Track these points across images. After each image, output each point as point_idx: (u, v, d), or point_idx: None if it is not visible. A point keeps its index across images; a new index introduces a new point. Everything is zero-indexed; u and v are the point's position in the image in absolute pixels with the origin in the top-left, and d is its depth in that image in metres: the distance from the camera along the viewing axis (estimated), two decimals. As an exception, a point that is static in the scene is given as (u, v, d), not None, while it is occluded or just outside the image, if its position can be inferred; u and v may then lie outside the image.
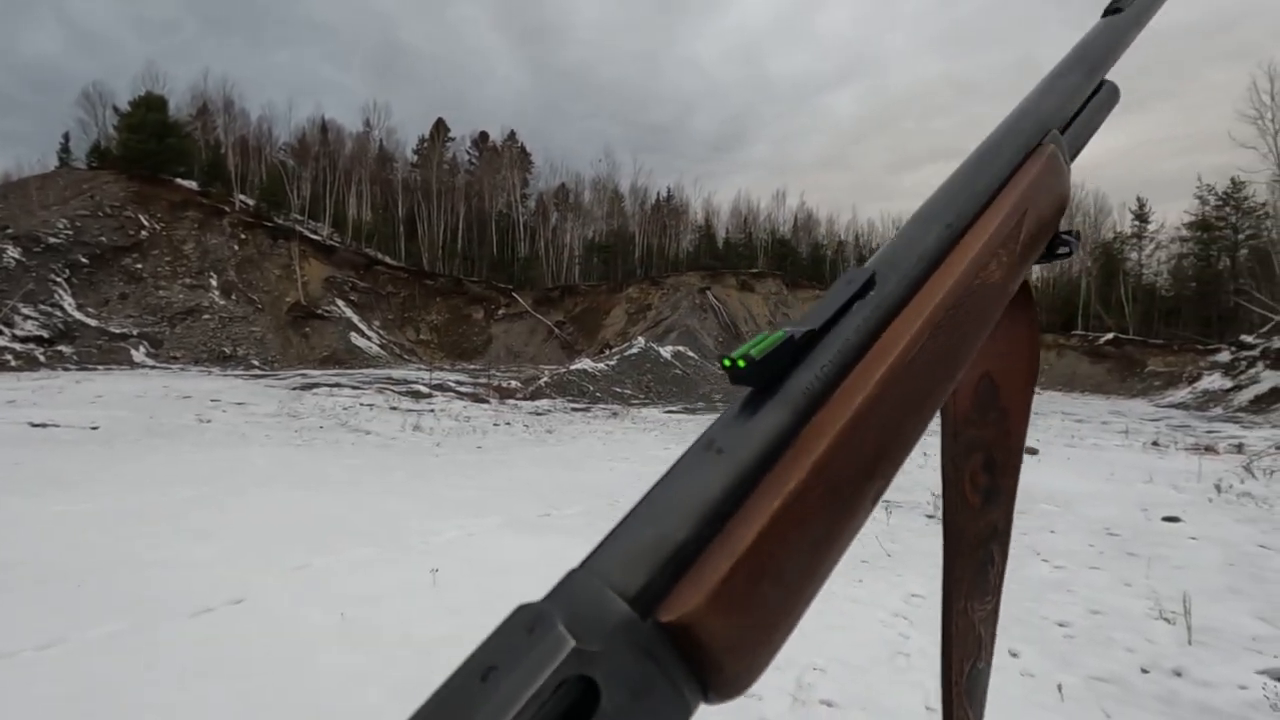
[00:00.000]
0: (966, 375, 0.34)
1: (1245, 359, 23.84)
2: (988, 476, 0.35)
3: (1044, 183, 0.32)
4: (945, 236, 0.29)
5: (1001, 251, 0.29)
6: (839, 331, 0.25)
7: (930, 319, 0.26)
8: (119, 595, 3.34)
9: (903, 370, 0.25)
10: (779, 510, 0.20)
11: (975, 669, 0.35)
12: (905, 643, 3.28)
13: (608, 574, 0.18)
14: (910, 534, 5.45)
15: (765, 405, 0.23)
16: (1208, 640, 3.36)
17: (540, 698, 0.15)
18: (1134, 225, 45.79)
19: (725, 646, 0.19)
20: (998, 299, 0.29)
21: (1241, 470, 8.61)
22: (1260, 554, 4.90)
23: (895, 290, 0.27)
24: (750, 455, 0.21)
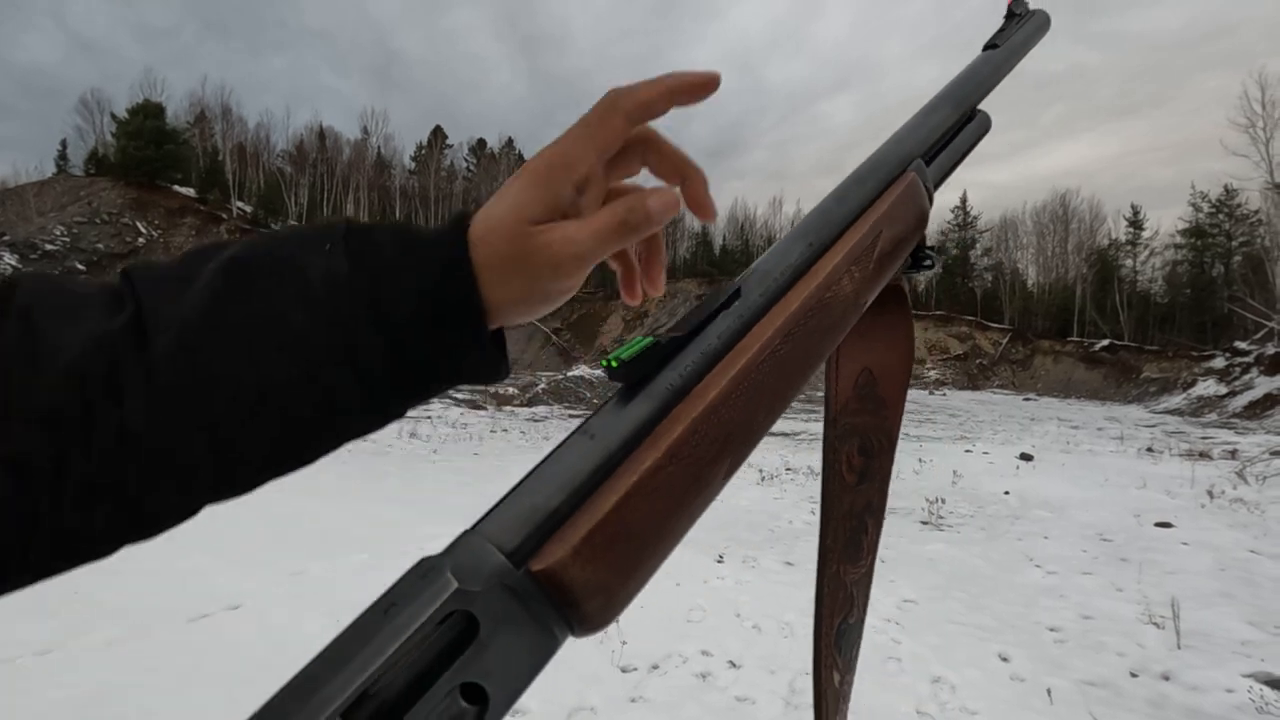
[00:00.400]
0: (848, 369, 0.39)
1: (1239, 365, 23.96)
2: (863, 458, 0.39)
3: (900, 207, 0.36)
4: (806, 254, 0.33)
5: (854, 268, 0.33)
6: (704, 337, 0.29)
7: (782, 327, 0.30)
8: (116, 601, 3.35)
9: (754, 369, 0.29)
10: (635, 484, 0.25)
11: (846, 624, 0.39)
12: (897, 647, 3.31)
13: (491, 533, 0.23)
14: (905, 540, 5.48)
15: (634, 399, 0.27)
16: (1197, 644, 3.40)
17: (427, 627, 0.20)
18: (1128, 232, 46.07)
19: (585, 591, 0.23)
20: (850, 308, 0.33)
21: (1234, 476, 8.66)
22: (1251, 559, 4.95)
23: (756, 301, 0.31)
24: (615, 439, 0.26)
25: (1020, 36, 0.49)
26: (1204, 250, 41.24)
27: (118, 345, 0.27)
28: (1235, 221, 39.84)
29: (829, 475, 0.38)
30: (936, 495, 6.91)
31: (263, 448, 0.30)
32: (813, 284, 0.32)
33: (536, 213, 0.31)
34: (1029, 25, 0.50)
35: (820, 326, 0.31)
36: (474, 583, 0.22)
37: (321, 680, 0.19)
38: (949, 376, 38.34)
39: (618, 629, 3.26)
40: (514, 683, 0.22)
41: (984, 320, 42.43)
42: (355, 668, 0.19)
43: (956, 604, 3.99)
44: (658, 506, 0.25)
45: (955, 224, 52.75)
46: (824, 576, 0.38)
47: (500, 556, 0.23)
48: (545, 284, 0.32)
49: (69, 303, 0.29)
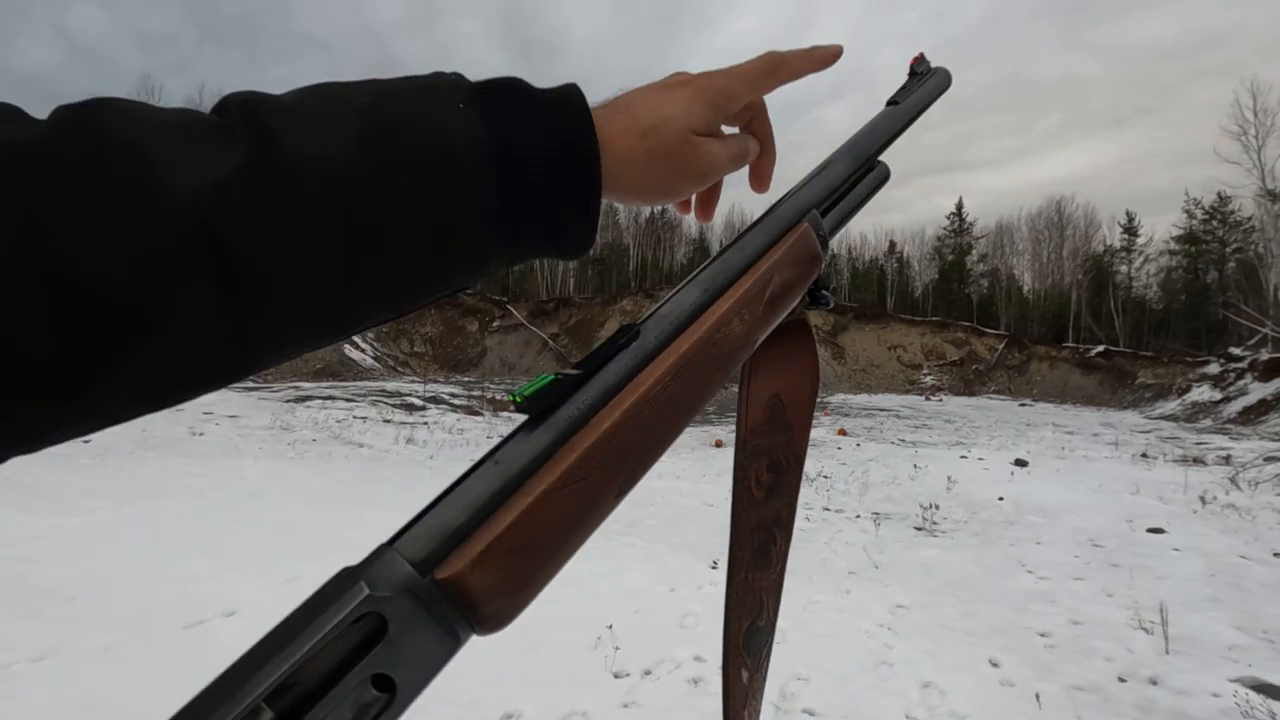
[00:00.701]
0: (758, 395, 0.43)
1: (1234, 371, 24.07)
2: (772, 475, 0.43)
3: (793, 254, 0.41)
4: (700, 300, 0.37)
5: (745, 311, 0.37)
6: (603, 374, 0.33)
7: (674, 365, 0.34)
8: (112, 608, 3.37)
9: (646, 403, 0.32)
10: (531, 503, 0.29)
11: (755, 626, 0.43)
12: (889, 652, 3.33)
13: (402, 547, 0.27)
14: (899, 545, 5.50)
15: (537, 430, 0.31)
16: (1185, 649, 3.43)
17: (341, 626, 0.24)
18: (1123, 239, 46.31)
19: (482, 597, 0.27)
20: (741, 347, 0.37)
21: (1227, 482, 8.71)
22: (1241, 565, 4.98)
23: (653, 342, 0.34)
24: (516, 465, 0.30)
25: (921, 94, 0.52)
26: (1198, 257, 41.50)
27: (250, 185, 0.27)
28: (1229, 228, 40.11)
29: (738, 492, 0.42)
30: (931, 501, 6.94)
31: (389, 291, 0.32)
32: (704, 326, 0.35)
33: (699, 126, 0.39)
34: (930, 83, 0.53)
35: (711, 363, 0.35)
36: (384, 589, 0.25)
37: (245, 674, 0.22)
38: (945, 382, 38.41)
39: (611, 634, 3.28)
40: (420, 674, 0.25)
41: (980, 326, 42.53)
42: (276, 662, 0.22)
43: (949, 609, 4.01)
44: (552, 523, 0.29)
45: (951, 230, 52.97)
46: (733, 583, 0.41)
47: (408, 567, 0.26)
48: (683, 181, 0.40)
49: (185, 135, 0.27)
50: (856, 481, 8.48)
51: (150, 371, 0.27)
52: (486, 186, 0.33)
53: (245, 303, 0.27)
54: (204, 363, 0.28)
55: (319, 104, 0.31)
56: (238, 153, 0.27)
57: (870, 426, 18.05)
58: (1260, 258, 30.42)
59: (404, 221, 0.31)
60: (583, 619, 3.50)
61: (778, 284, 0.39)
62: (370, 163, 0.30)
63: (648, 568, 4.54)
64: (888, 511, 6.79)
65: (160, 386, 0.28)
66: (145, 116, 0.27)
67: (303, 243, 0.28)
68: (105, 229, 0.24)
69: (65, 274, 0.23)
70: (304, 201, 0.28)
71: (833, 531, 5.93)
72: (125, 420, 0.28)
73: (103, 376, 0.25)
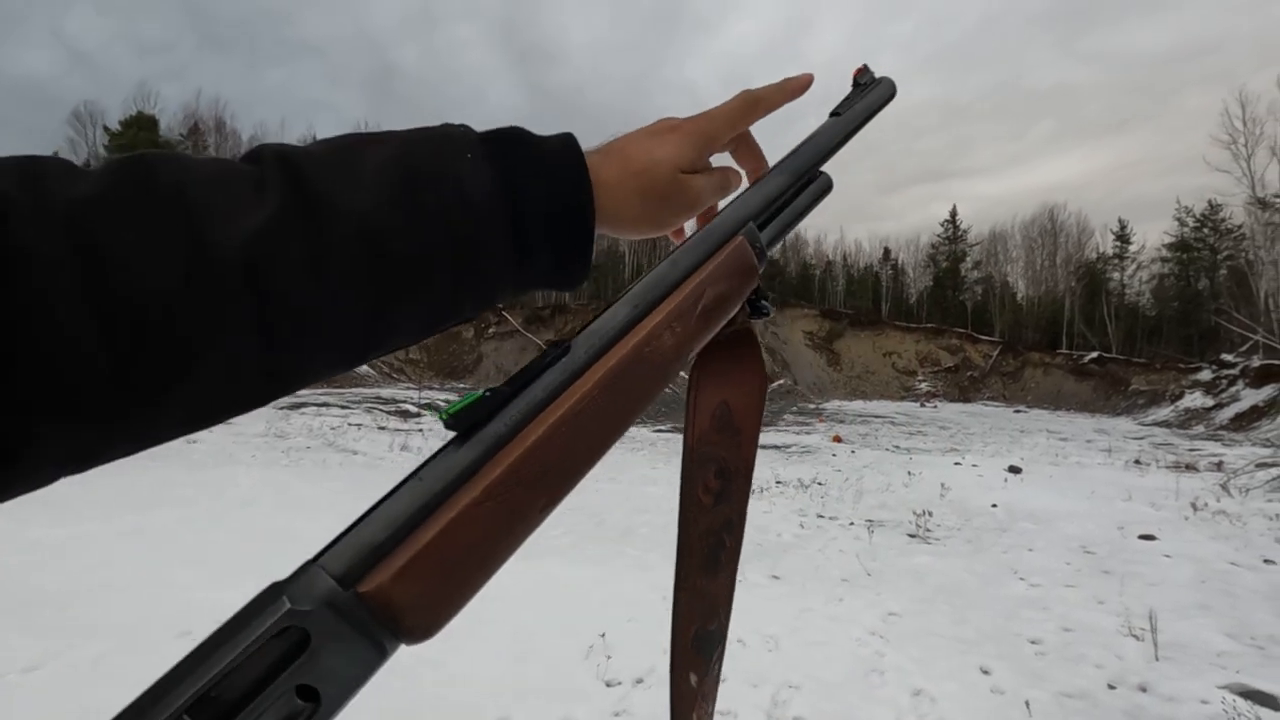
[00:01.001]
0: (705, 403, 0.44)
1: (1226, 377, 24.21)
2: (720, 481, 0.43)
3: (726, 267, 0.41)
4: (631, 315, 0.37)
5: (676, 325, 0.38)
6: (531, 390, 0.33)
7: (602, 380, 0.34)
8: (104, 617, 3.36)
9: (573, 418, 0.33)
10: (453, 518, 0.30)
11: (705, 631, 0.43)
12: (880, 660, 3.34)
13: (326, 563, 0.28)
14: (892, 552, 5.52)
15: (463, 446, 0.31)
16: (1175, 656, 3.45)
17: (263, 639, 0.25)
18: (1116, 246, 46.65)
19: (405, 609, 0.28)
20: (673, 360, 0.38)
21: (1218, 488, 8.76)
22: (1231, 571, 5.01)
23: (582, 358, 0.35)
24: (440, 482, 0.30)
25: (864, 104, 0.52)
26: (1190, 264, 41.81)
27: (287, 231, 0.30)
28: (1220, 236, 40.44)
29: (686, 498, 0.42)
30: (924, 508, 6.97)
31: (409, 325, 0.35)
32: (634, 341, 0.36)
33: (686, 165, 0.43)
34: (874, 94, 0.53)
35: (641, 377, 0.36)
36: (305, 603, 0.26)
37: (167, 688, 0.23)
38: (940, 388, 38.51)
39: (603, 643, 3.29)
40: (345, 684, 0.26)
41: (975, 333, 42.71)
42: (197, 675, 0.23)
43: (940, 617, 4.03)
44: (474, 537, 0.30)
45: (945, 237, 53.24)
46: (682, 588, 0.42)
47: (331, 581, 0.27)
48: (673, 215, 0.43)
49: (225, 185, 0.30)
50: (851, 488, 8.50)
51: (189, 397, 0.30)
52: (501, 232, 0.36)
53: (278, 337, 0.31)
54: (237, 390, 0.31)
55: (344, 155, 0.34)
56: (272, 200, 0.31)
57: (865, 433, 18.09)
58: (1251, 265, 30.66)
59: (426, 266, 0.34)
60: (575, 627, 3.51)
61: (711, 297, 0.40)
62: (395, 211, 0.33)
63: (641, 576, 4.55)
64: (881, 519, 6.80)
65: (194, 412, 0.31)
66: (189, 167, 0.30)
67: (332, 284, 0.32)
68: (155, 270, 0.27)
69: (120, 310, 0.26)
70: (334, 246, 0.32)
71: (826, 539, 5.95)
72: (156, 443, 0.31)
73: (147, 400, 0.28)
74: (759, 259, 0.44)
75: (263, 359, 0.31)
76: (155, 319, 0.27)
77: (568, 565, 4.72)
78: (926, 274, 54.38)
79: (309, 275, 0.31)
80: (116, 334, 0.26)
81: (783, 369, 35.55)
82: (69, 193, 0.27)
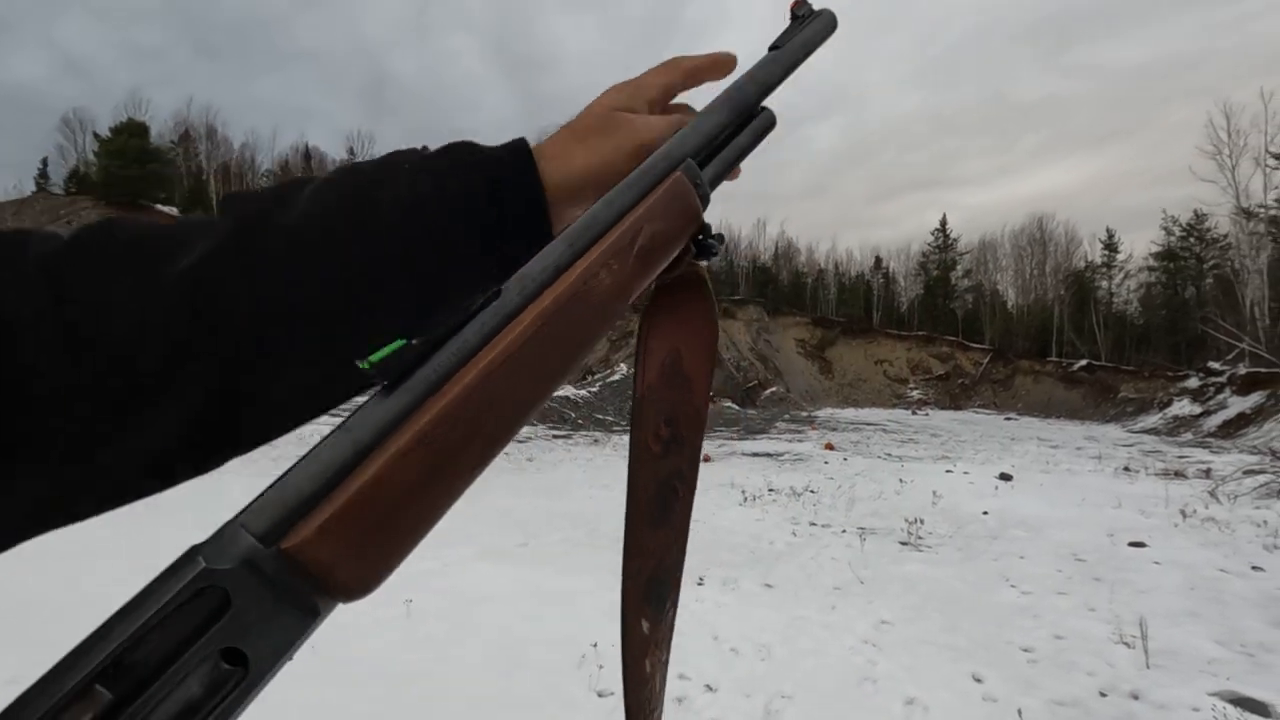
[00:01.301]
0: (655, 350, 0.43)
1: (1213, 385, 24.43)
2: (670, 429, 0.42)
3: (662, 204, 0.40)
4: (566, 254, 0.36)
5: (613, 263, 0.37)
6: (461, 335, 0.32)
7: (535, 321, 0.33)
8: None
9: (507, 361, 0.32)
10: (381, 467, 0.28)
11: (655, 579, 0.42)
12: (873, 668, 3.33)
13: (246, 521, 0.26)
14: (884, 560, 5.52)
15: (391, 396, 0.30)
16: (1165, 663, 3.46)
17: (176, 601, 0.24)
18: (1104, 255, 47.09)
19: (334, 564, 0.27)
20: (613, 299, 0.37)
21: (1207, 495, 8.81)
22: (1220, 578, 5.04)
23: (515, 300, 0.34)
24: (368, 432, 0.29)
25: (803, 37, 0.51)
26: (1176, 273, 42.25)
27: (226, 253, 0.32)
28: (1205, 245, 40.91)
29: (635, 448, 0.41)
30: (916, 516, 6.98)
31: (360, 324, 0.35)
32: (568, 280, 0.35)
33: (619, 105, 0.44)
34: (812, 26, 0.52)
35: (579, 318, 0.35)
36: (223, 562, 0.25)
37: (77, 658, 0.22)
38: (931, 396, 38.67)
39: (595, 653, 3.27)
40: (274, 646, 0.25)
41: (965, 341, 42.96)
42: (108, 642, 0.22)
43: (932, 625, 4.03)
44: (406, 486, 0.28)
45: (936, 246, 53.62)
46: (632, 536, 0.41)
47: (251, 539, 0.26)
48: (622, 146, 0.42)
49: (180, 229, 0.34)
50: (843, 496, 8.51)
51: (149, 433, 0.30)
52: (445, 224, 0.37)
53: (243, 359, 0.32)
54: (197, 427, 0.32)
55: (285, 186, 0.37)
56: (218, 233, 0.33)
57: (857, 441, 18.12)
58: (1236, 274, 31.02)
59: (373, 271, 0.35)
60: (566, 637, 3.48)
61: (648, 235, 0.39)
62: (330, 223, 0.35)
63: (633, 585, 4.52)
64: (873, 526, 6.81)
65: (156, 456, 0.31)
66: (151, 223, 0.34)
67: (283, 304, 0.33)
68: (108, 301, 0.30)
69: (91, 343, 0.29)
70: (270, 262, 0.33)
71: (819, 546, 5.94)
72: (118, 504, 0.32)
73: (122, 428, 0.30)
74: (701, 198, 0.43)
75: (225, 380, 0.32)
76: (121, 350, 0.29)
77: (559, 574, 4.69)
78: (917, 282, 54.71)
79: (249, 292, 0.32)
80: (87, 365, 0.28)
81: (775, 377, 35.60)
82: (42, 249, 0.31)
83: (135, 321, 0.30)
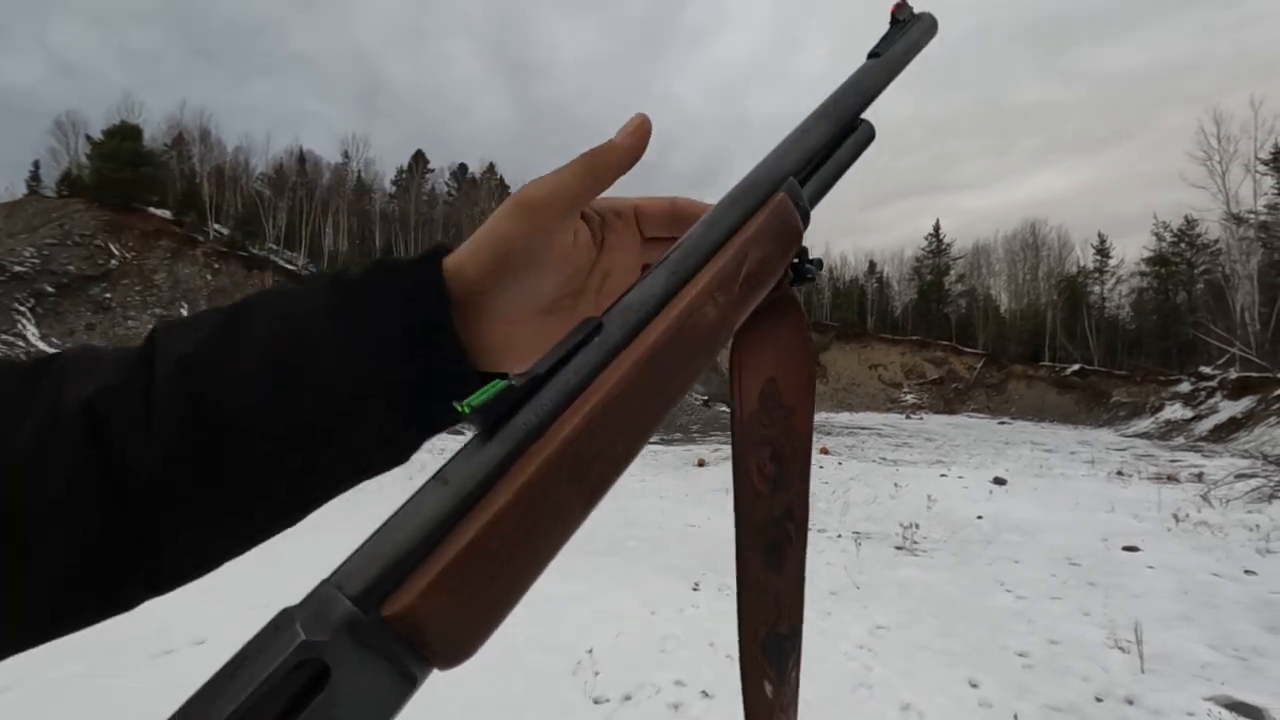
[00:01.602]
0: (751, 381, 0.39)
1: (1204, 389, 24.60)
2: (775, 466, 0.39)
3: (768, 228, 0.37)
4: (670, 284, 0.34)
5: (719, 294, 0.34)
6: (562, 375, 0.29)
7: (640, 360, 0.31)
8: (78, 639, 3.26)
9: (612, 403, 0.29)
10: (486, 524, 0.26)
11: (776, 634, 0.39)
12: (868, 674, 3.33)
13: (342, 582, 0.24)
14: (879, 564, 5.53)
15: (490, 442, 0.28)
16: (1159, 668, 3.47)
17: (275, 677, 0.21)
18: (1096, 260, 47.38)
19: (438, 630, 0.25)
20: (718, 333, 0.34)
21: (1199, 499, 8.86)
22: (1213, 582, 5.06)
23: (617, 335, 0.31)
24: (470, 483, 0.27)
25: (904, 43, 0.47)
26: (1168, 278, 42.55)
27: (127, 386, 0.31)
28: (1196, 250, 41.23)
29: (740, 486, 0.38)
30: (911, 520, 6.99)
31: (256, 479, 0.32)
32: (674, 313, 0.33)
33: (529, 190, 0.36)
34: (915, 29, 0.48)
35: (684, 354, 0.33)
36: (322, 632, 0.23)
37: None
38: (925, 400, 38.82)
39: (591, 659, 3.25)
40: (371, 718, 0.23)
41: (959, 345, 43.16)
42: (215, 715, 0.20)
43: (928, 630, 4.03)
44: (512, 543, 0.26)
45: (930, 250, 53.87)
46: (745, 588, 0.38)
47: (349, 604, 0.24)
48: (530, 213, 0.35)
49: (94, 358, 0.33)
50: (838, 500, 8.52)
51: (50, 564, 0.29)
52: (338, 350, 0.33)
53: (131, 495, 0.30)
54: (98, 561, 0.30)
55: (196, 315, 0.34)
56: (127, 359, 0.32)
57: (852, 445, 18.15)
58: (1227, 279, 31.27)
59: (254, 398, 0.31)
60: (562, 644, 3.47)
61: (754, 261, 0.36)
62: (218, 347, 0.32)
63: (629, 591, 4.51)
64: (869, 531, 6.82)
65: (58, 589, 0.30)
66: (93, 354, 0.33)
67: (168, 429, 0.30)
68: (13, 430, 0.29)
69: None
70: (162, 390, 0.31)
71: (814, 551, 5.94)
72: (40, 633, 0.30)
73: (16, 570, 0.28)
74: (802, 218, 0.40)
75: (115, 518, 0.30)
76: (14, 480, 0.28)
77: (555, 579, 4.66)
78: (911, 287, 54.92)
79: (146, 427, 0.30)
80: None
81: (770, 381, 35.58)
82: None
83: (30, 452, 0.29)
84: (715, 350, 0.35)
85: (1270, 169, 32.93)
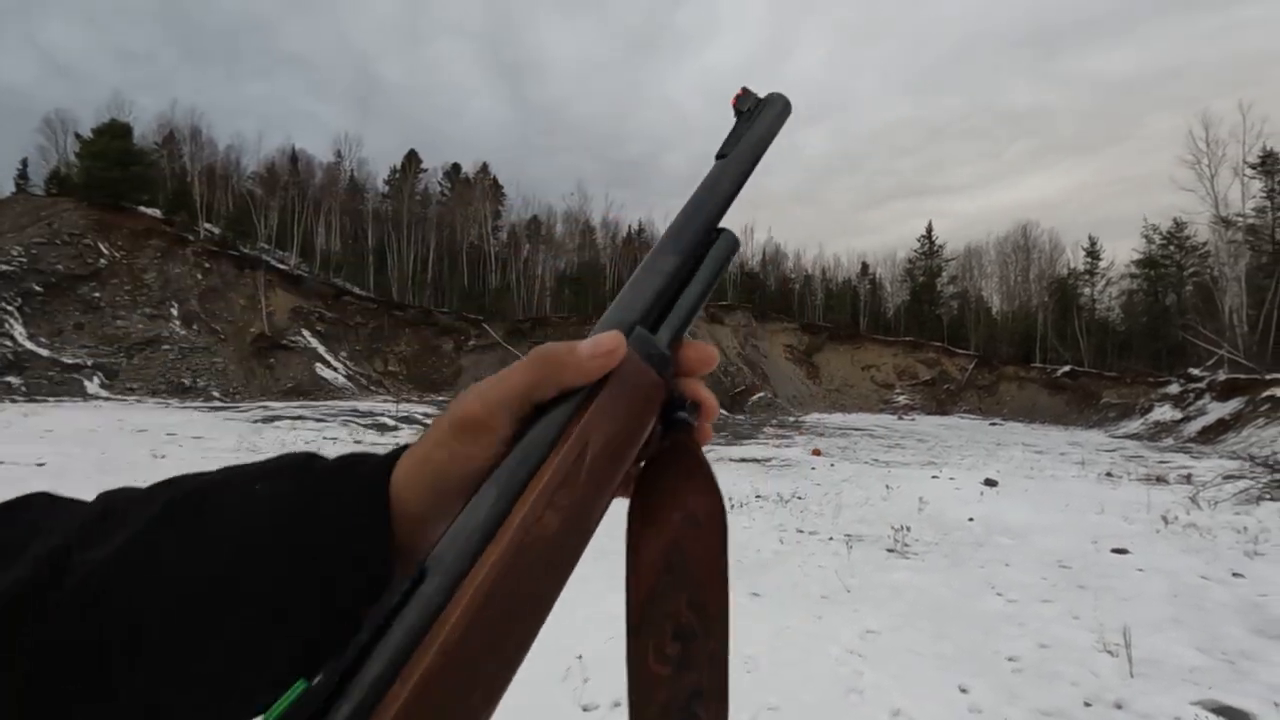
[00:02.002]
0: (647, 553, 0.34)
1: (1193, 391, 24.80)
2: (679, 644, 0.33)
3: (613, 399, 0.32)
4: (496, 505, 0.30)
5: (559, 495, 0.30)
6: (378, 655, 0.26)
7: (472, 604, 0.27)
8: None
9: (446, 668, 0.26)
10: None
11: None
12: (858, 679, 3.32)
13: None
14: (870, 567, 5.53)
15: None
16: (1148, 672, 3.48)
17: None
18: (1087, 262, 47.74)
19: None
20: (568, 538, 0.31)
21: (1188, 501, 8.92)
22: (1202, 585, 5.09)
23: (441, 583, 0.27)
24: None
25: (752, 136, 0.42)
26: (1157, 280, 42.90)
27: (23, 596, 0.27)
28: (1185, 253, 41.59)
29: (633, 673, 0.32)
30: (903, 523, 7.00)
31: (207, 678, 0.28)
32: (505, 538, 0.29)
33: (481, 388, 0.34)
34: (763, 119, 0.42)
35: (532, 576, 0.29)
36: None
37: None
38: (917, 401, 38.98)
39: (580, 665, 3.23)
40: None
41: (951, 346, 43.35)
42: None
43: (919, 633, 4.03)
44: None
45: (922, 252, 54.13)
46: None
47: None
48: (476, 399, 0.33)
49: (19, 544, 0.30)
50: (830, 503, 8.52)
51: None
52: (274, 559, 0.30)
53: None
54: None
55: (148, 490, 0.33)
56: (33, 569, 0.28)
57: (844, 446, 18.20)
58: (1215, 281, 31.55)
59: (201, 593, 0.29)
60: (552, 649, 3.44)
61: (600, 445, 0.32)
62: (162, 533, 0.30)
63: (621, 596, 4.47)
64: (860, 533, 6.82)
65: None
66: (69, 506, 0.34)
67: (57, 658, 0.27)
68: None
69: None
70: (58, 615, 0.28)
71: (805, 554, 5.94)
72: None
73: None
74: (660, 365, 0.34)
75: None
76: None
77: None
78: (903, 289, 55.17)
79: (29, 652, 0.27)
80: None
81: (762, 382, 35.70)
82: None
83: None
84: (577, 550, 0.31)
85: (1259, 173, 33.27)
